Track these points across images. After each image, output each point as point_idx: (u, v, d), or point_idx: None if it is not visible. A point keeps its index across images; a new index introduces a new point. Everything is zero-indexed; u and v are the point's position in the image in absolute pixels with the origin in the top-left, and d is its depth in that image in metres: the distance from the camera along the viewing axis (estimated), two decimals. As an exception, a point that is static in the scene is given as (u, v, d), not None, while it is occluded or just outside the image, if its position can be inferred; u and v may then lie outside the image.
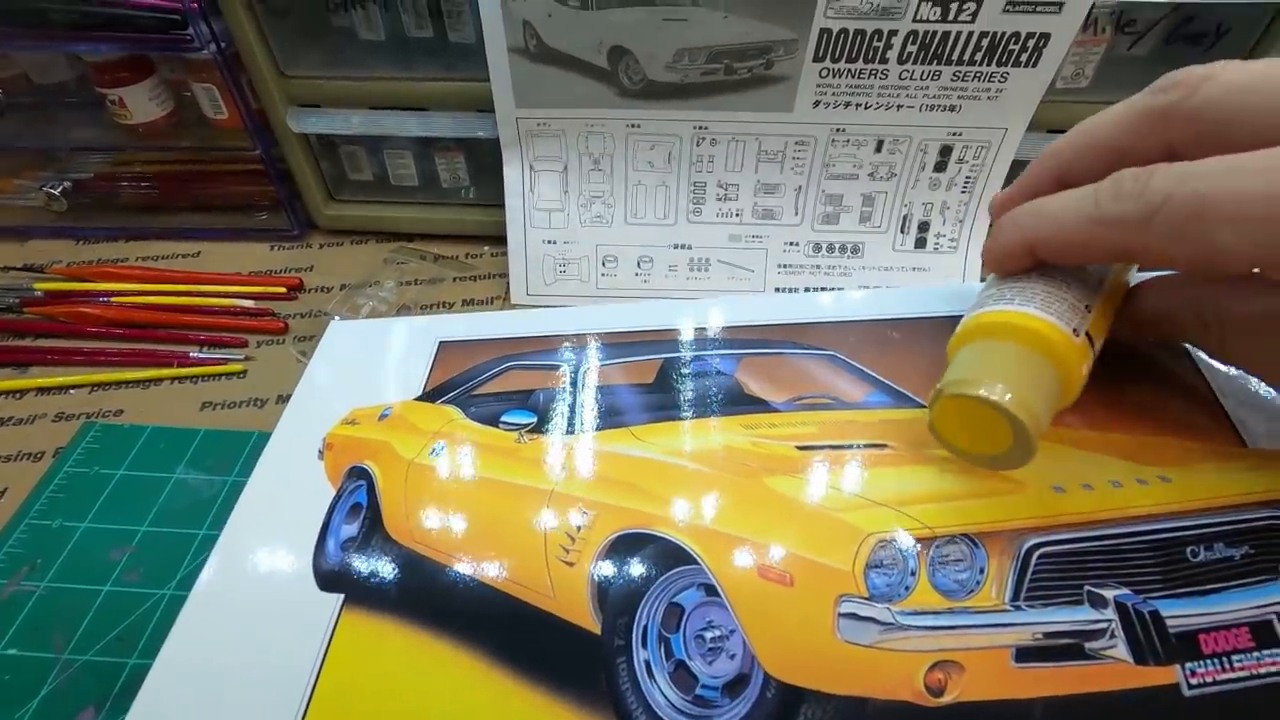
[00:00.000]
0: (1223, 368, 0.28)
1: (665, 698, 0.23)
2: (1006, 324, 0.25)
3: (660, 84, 0.46)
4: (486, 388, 0.34)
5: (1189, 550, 0.23)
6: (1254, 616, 0.22)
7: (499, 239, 0.55)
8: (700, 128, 0.48)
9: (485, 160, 0.54)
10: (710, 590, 0.25)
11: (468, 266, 0.56)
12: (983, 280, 0.30)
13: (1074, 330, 0.24)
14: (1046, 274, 0.25)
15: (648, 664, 0.24)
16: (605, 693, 0.23)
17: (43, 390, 0.48)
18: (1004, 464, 0.25)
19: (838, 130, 0.47)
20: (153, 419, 0.46)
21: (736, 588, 0.24)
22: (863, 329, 0.33)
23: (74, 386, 0.48)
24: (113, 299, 0.53)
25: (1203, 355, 0.29)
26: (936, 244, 0.51)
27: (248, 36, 0.47)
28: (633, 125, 0.48)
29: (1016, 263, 0.26)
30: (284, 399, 0.48)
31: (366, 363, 0.36)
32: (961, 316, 0.27)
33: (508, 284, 0.54)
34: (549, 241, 0.52)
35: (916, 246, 0.52)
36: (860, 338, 0.33)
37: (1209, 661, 0.21)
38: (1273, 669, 0.21)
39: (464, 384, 0.35)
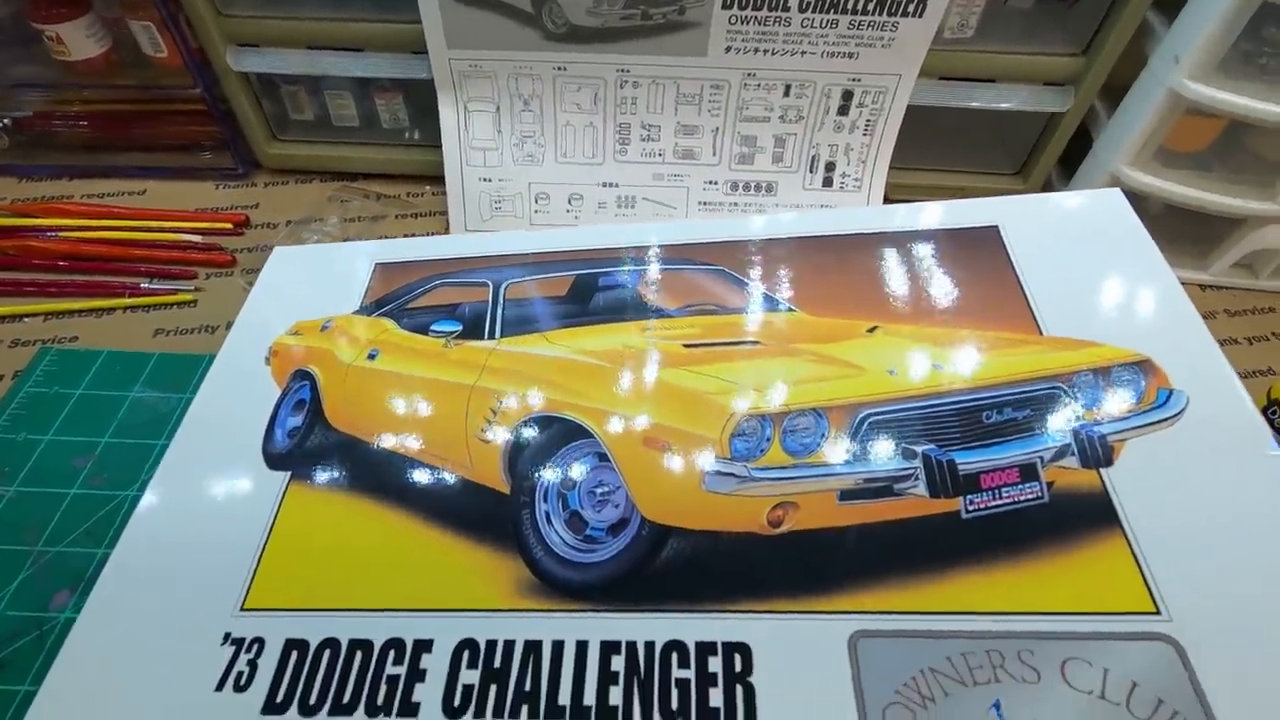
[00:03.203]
0: (1031, 267, 0.34)
1: (561, 538, 0.28)
2: None
3: (582, 28, 0.49)
4: (418, 302, 0.38)
5: (984, 414, 0.29)
6: (1023, 460, 0.28)
7: (439, 179, 0.57)
8: (622, 70, 0.51)
9: (424, 102, 0.56)
10: (602, 457, 0.30)
11: (409, 204, 0.59)
12: None
13: None
14: None
15: (547, 514, 0.29)
16: (512, 536, 0.28)
17: (-3, 319, 0.50)
18: None
19: (749, 75, 0.51)
20: (107, 345, 0.49)
21: (624, 454, 0.29)
22: (753, 246, 0.38)
23: (28, 315, 0.51)
24: (60, 234, 0.55)
25: (1018, 261, 0.34)
26: (842, 183, 0.56)
27: (184, -27, 0.49)
28: (559, 68, 0.51)
29: None
30: (233, 325, 0.51)
31: (308, 283, 0.40)
32: (832, 237, 0.31)
33: (447, 220, 0.57)
34: (485, 179, 0.55)
35: (824, 185, 0.56)
36: (748, 254, 0.38)
37: (985, 494, 0.27)
38: (1030, 497, 0.27)
39: (397, 299, 0.39)
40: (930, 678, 0.23)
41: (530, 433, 0.31)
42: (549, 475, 0.30)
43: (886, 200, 0.57)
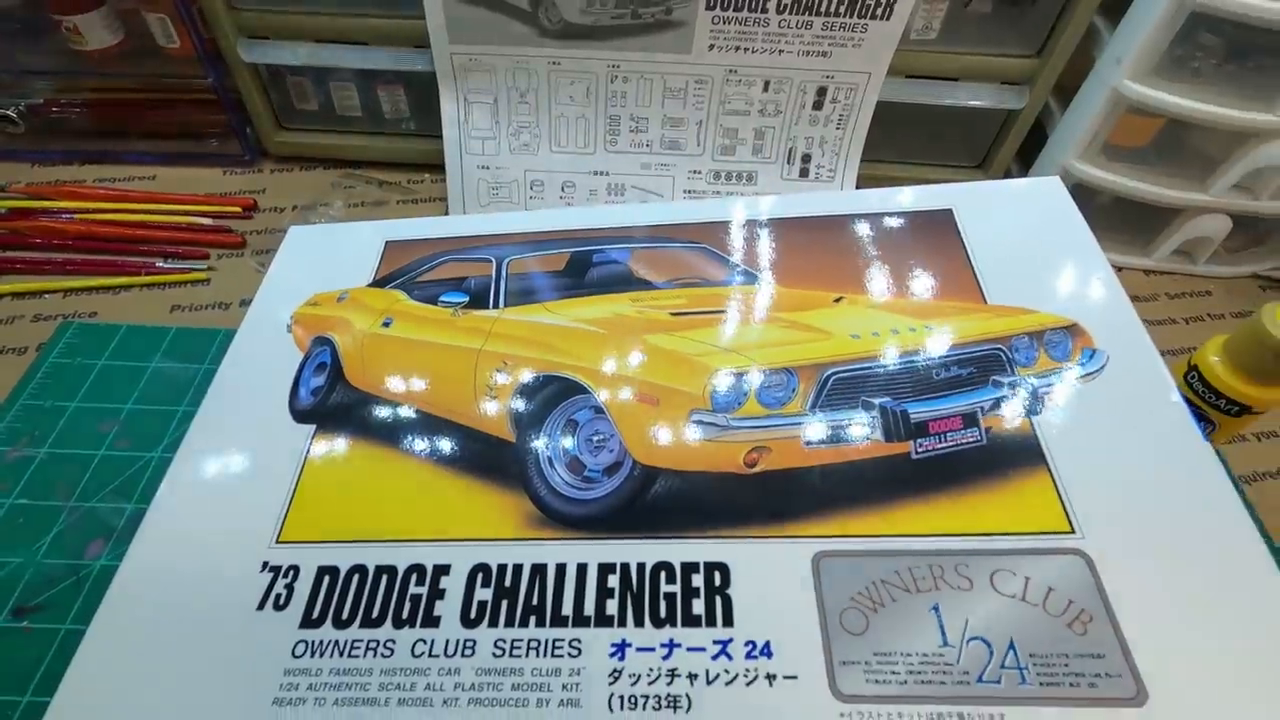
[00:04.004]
0: (980, 245, 0.38)
1: (562, 479, 0.32)
2: None
3: (576, 25, 0.52)
4: (426, 276, 0.42)
5: (935, 372, 0.33)
6: (966, 409, 0.32)
7: (438, 167, 0.61)
8: (613, 66, 0.55)
9: (424, 93, 0.60)
10: (598, 410, 0.33)
11: (410, 191, 0.63)
12: None
13: None
14: None
15: (549, 459, 0.33)
16: (518, 477, 0.32)
17: (18, 295, 0.53)
18: None
19: (731, 71, 0.55)
20: (125, 320, 0.52)
21: (617, 408, 0.33)
22: (734, 227, 0.42)
23: (48, 292, 0.53)
24: (76, 216, 0.57)
25: (968, 240, 0.38)
26: (817, 174, 0.60)
27: (198, -30, 0.52)
28: (554, 63, 0.55)
29: None
30: (246, 302, 0.54)
31: (324, 259, 0.43)
32: (804, 218, 0.35)
33: (446, 206, 0.60)
34: (483, 167, 0.59)
35: (801, 175, 0.60)
36: (730, 234, 0.41)
37: (932, 438, 0.31)
38: (970, 440, 0.31)
39: (408, 273, 0.42)
40: (880, 587, 0.27)
41: (533, 390, 0.35)
42: (550, 427, 0.34)
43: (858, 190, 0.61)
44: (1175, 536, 0.27)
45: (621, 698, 0.26)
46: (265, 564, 0.30)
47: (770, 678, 0.25)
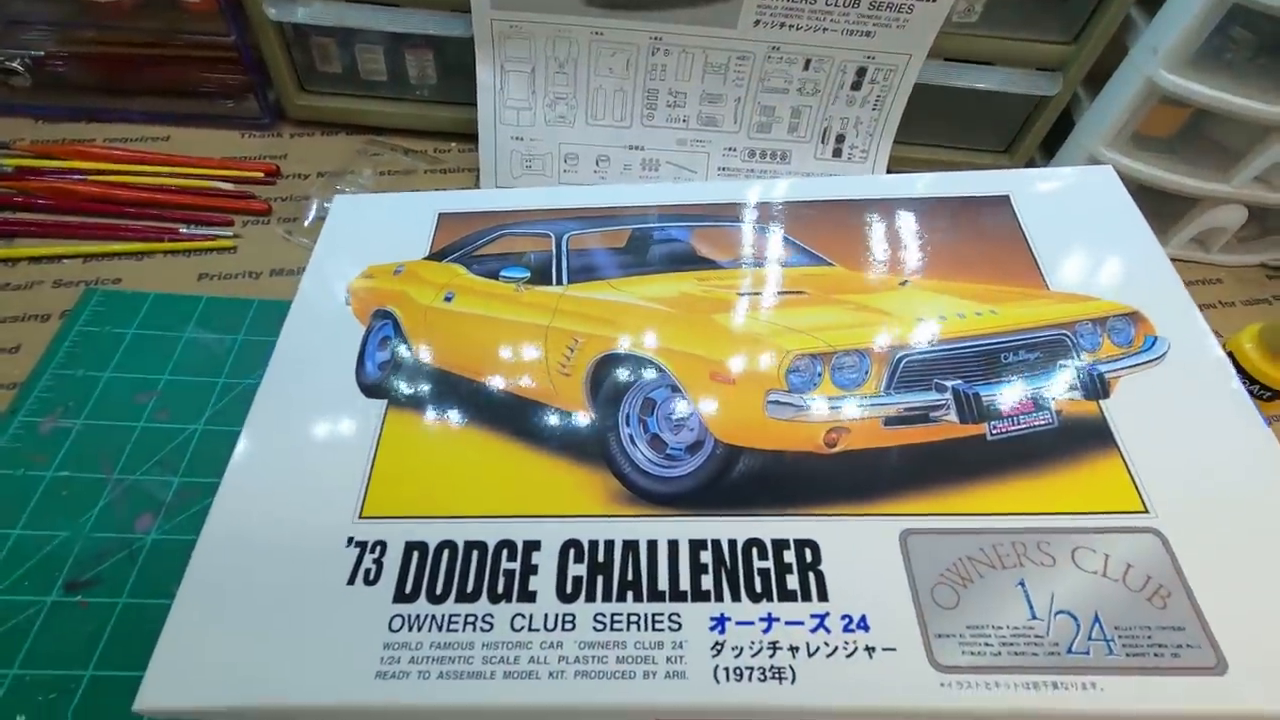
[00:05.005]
0: (1038, 232, 0.39)
1: (645, 456, 0.32)
2: None
3: (622, -4, 0.51)
4: (484, 250, 0.41)
5: (1003, 355, 0.34)
6: (1035, 393, 0.33)
7: (465, 136, 0.60)
8: (655, 38, 0.54)
9: (454, 60, 0.58)
10: (675, 389, 0.34)
11: (437, 160, 0.61)
12: None
13: None
14: None
15: (631, 437, 0.33)
16: (601, 455, 0.32)
17: (35, 259, 0.51)
18: None
19: (773, 48, 0.55)
20: (151, 288, 0.50)
21: (695, 387, 0.33)
22: (791, 207, 0.42)
23: (67, 257, 0.51)
24: (89, 177, 0.55)
25: (1027, 227, 0.39)
26: (850, 154, 0.60)
27: (225, -79, 0.49)
28: (596, 33, 0.54)
29: None
30: (277, 272, 0.53)
31: (375, 230, 0.42)
32: (862, 200, 0.36)
33: (477, 176, 0.59)
34: (516, 138, 0.58)
35: (834, 156, 0.61)
36: (790, 214, 0.41)
37: (1005, 420, 0.32)
38: (1042, 423, 0.32)
39: (465, 247, 0.41)
40: (968, 564, 0.28)
41: (607, 368, 0.35)
42: (628, 405, 0.34)
43: (889, 172, 0.61)
44: (1242, 515, 0.29)
45: (726, 669, 0.26)
46: (350, 539, 0.30)
47: (870, 650, 0.26)
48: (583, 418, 0.34)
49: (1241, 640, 0.26)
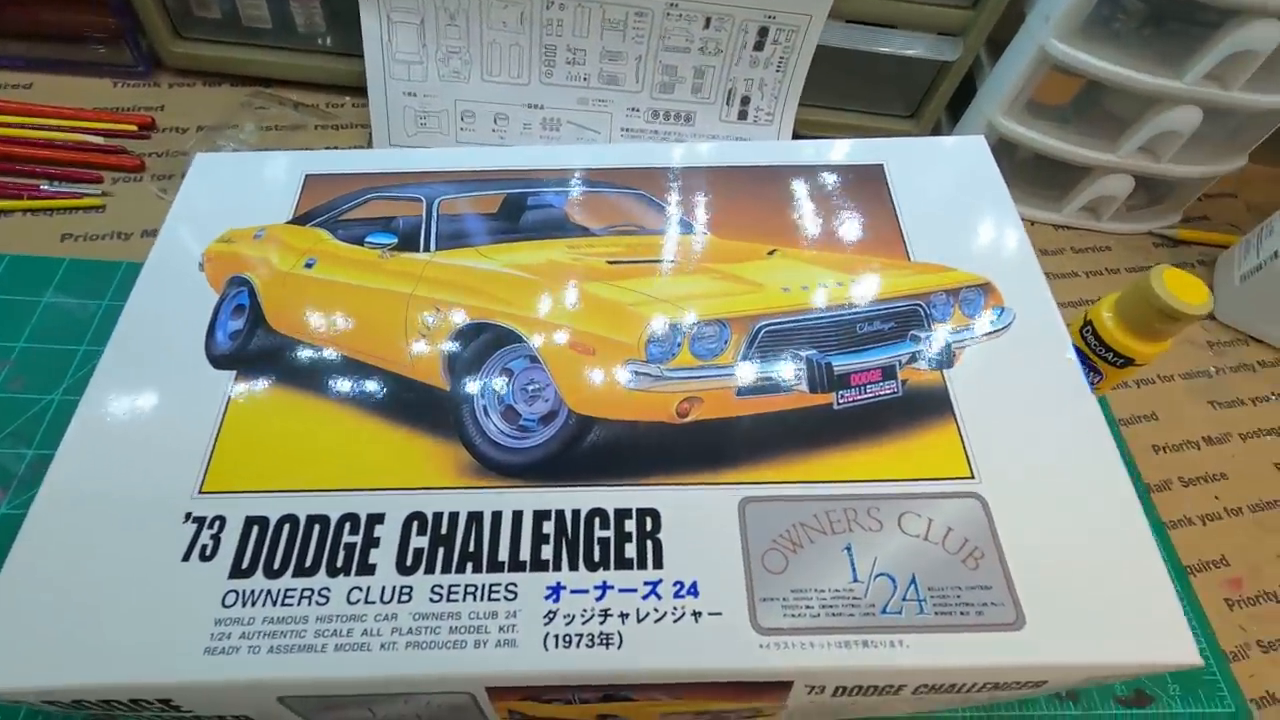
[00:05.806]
0: (906, 201, 0.39)
1: (497, 428, 0.32)
2: None
3: (510, -56, 0.49)
4: (351, 214, 0.40)
5: (859, 326, 0.35)
6: (886, 363, 0.33)
7: (360, 90, 0.57)
8: (549, -9, 0.52)
9: (341, 6, 0.55)
10: (533, 359, 0.33)
11: (329, 115, 0.58)
12: None
13: None
14: None
15: (485, 408, 0.33)
16: (453, 426, 0.32)
17: (-124, 218, 0.47)
18: None
19: (671, 5, 0.53)
20: (7, 249, 0.47)
21: (552, 357, 0.33)
22: (672, 174, 0.41)
23: (-88, 215, 0.48)
24: (-62, 127, 0.51)
25: (896, 196, 0.39)
26: (756, 116, 0.60)
27: None
28: (486, -17, 0.51)
29: None
30: (149, 233, 0.50)
31: (236, 191, 0.40)
32: (746, 168, 0.35)
33: (369, 134, 0.57)
34: (409, 94, 0.55)
35: (739, 118, 0.60)
36: (668, 180, 0.41)
37: (854, 390, 0.33)
38: (888, 392, 0.33)
39: (331, 211, 0.40)
40: (799, 530, 0.29)
41: (466, 338, 0.34)
42: (485, 375, 0.33)
43: (795, 136, 0.61)
44: (1058, 482, 0.30)
45: (556, 637, 0.27)
46: (189, 514, 0.30)
47: (696, 615, 0.27)
48: (438, 389, 0.33)
49: (1039, 597, 0.27)
